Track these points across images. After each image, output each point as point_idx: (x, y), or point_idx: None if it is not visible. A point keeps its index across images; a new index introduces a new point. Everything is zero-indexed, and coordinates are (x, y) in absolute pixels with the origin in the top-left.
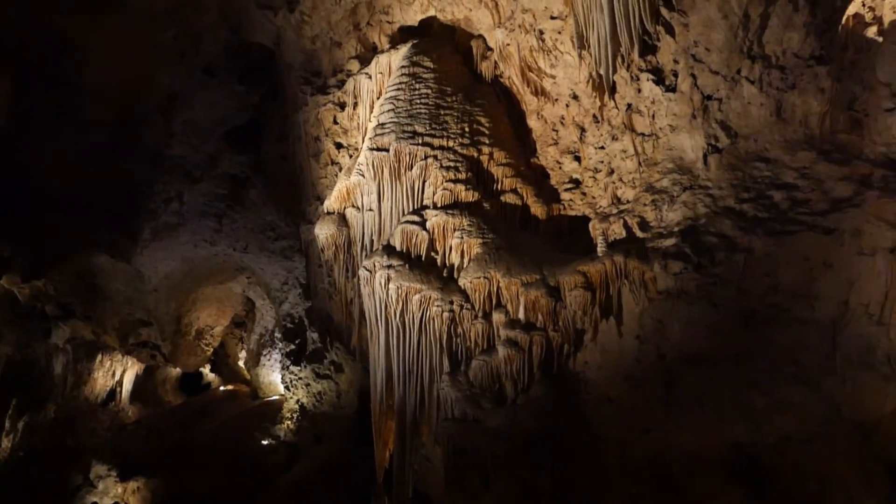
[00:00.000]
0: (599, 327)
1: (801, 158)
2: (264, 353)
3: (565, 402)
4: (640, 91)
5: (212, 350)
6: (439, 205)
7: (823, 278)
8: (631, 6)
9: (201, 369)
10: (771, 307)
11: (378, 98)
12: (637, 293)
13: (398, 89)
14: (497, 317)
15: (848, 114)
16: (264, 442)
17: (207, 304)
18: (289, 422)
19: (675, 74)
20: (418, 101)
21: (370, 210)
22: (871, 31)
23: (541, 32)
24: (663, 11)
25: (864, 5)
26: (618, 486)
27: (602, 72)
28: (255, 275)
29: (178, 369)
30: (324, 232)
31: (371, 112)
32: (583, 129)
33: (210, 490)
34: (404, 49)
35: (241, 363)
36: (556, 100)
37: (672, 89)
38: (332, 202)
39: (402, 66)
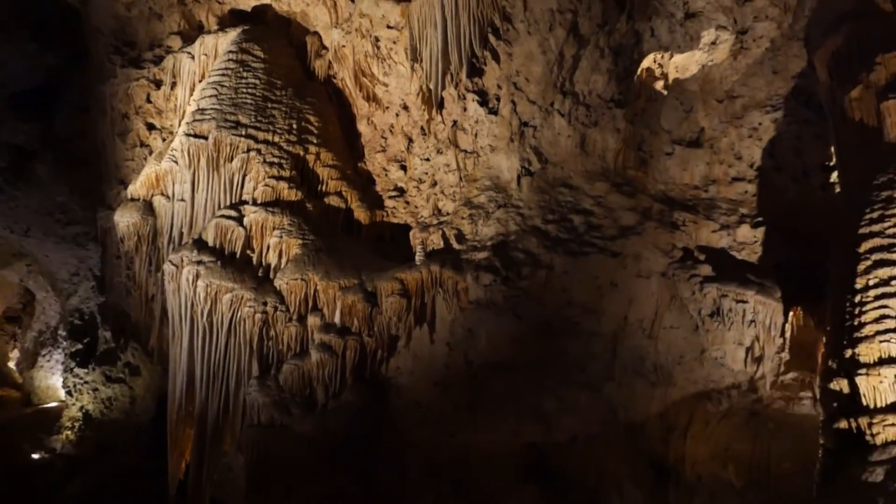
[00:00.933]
0: (413, 334)
1: (598, 188)
2: (43, 353)
3: (376, 407)
4: (465, 110)
5: None
6: (259, 201)
7: (609, 296)
8: (462, 29)
9: None
10: (565, 320)
11: (200, 81)
12: (450, 302)
13: (223, 75)
14: (312, 320)
15: (637, 153)
16: (35, 455)
17: None
18: (69, 432)
19: (498, 99)
20: (244, 91)
21: (182, 200)
22: (659, 85)
23: (377, 39)
24: (491, 38)
25: (654, 61)
26: (423, 487)
27: (432, 86)
28: (37, 262)
29: None
30: (125, 220)
31: (191, 95)
32: (410, 140)
33: None
34: (234, 33)
35: (11, 364)
36: (387, 108)
37: (494, 112)
38: (137, 188)
39: (230, 52)
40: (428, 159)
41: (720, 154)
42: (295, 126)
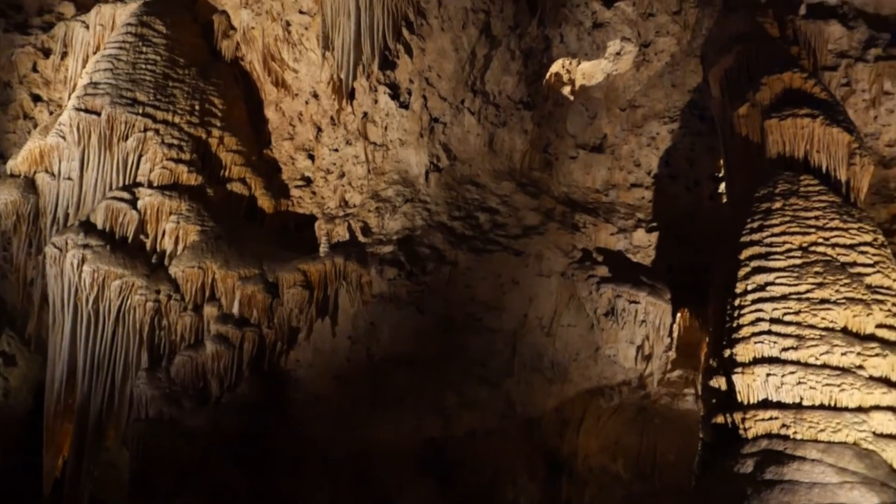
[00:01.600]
0: (314, 326)
1: (504, 187)
2: None
3: (274, 400)
4: (376, 102)
5: None
6: (156, 184)
7: (511, 294)
8: (376, 20)
9: None
10: (468, 316)
11: (95, 53)
12: (353, 295)
13: (121, 48)
14: (209, 310)
15: (542, 155)
16: None
17: None
18: None
19: (410, 93)
20: (143, 67)
21: (68, 179)
22: (566, 90)
23: (288, 24)
24: (405, 32)
25: (563, 67)
26: (320, 482)
27: (343, 76)
28: None
29: None
30: (3, 197)
31: (83, 67)
32: (319, 129)
33: None
34: (133, 5)
35: None
36: (297, 95)
37: (405, 106)
38: (19, 163)
39: (129, 24)
40: (337, 150)
41: (621, 160)
42: (197, 107)
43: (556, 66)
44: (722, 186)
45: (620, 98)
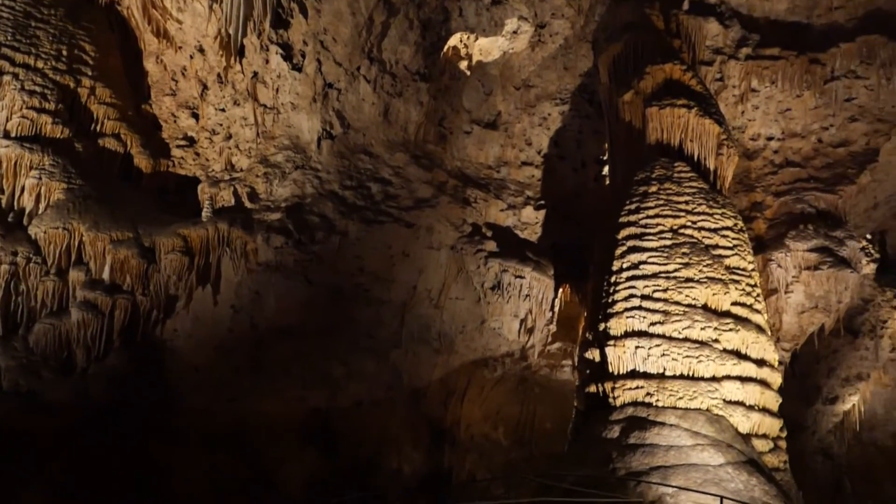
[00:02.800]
0: (194, 295)
1: (398, 159)
2: None
3: (147, 371)
4: (267, 62)
5: None
6: (13, 134)
7: (401, 265)
8: None
9: None
10: (356, 287)
11: None
12: (237, 262)
13: None
14: (75, 275)
15: (437, 128)
16: None
17: None
18: None
19: (304, 55)
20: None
21: None
22: (463, 65)
23: None
24: None
25: (461, 41)
26: (196, 456)
27: (231, 31)
28: None
29: None
30: None
31: None
32: (205, 87)
33: None
34: None
35: None
36: (181, 48)
37: (298, 69)
38: None
39: None
40: (223, 110)
41: (513, 138)
42: (65, 52)
43: (454, 40)
44: (606, 169)
45: (515, 77)
